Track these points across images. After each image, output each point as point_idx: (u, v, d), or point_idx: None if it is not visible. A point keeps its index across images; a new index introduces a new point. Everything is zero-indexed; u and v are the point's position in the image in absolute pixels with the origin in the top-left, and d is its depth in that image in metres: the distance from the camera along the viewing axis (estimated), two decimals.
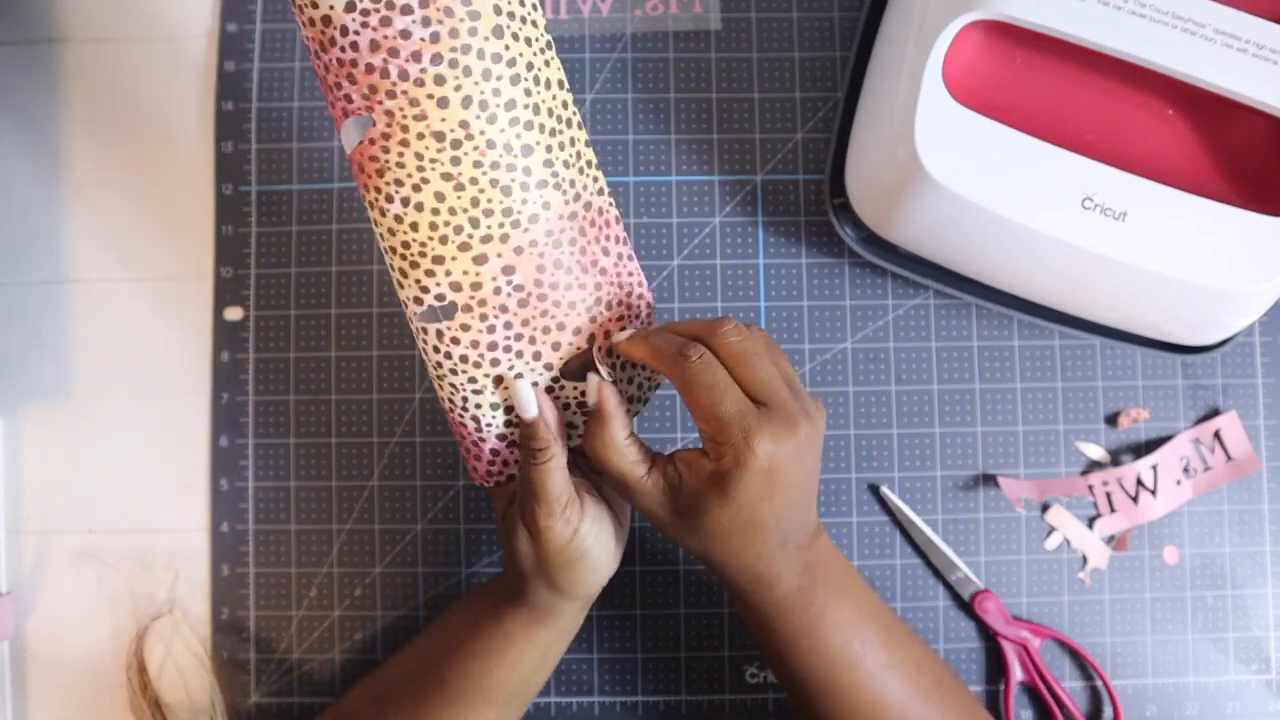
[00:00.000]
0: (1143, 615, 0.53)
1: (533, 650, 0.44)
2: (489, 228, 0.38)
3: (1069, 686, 0.52)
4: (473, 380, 0.40)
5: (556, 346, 0.40)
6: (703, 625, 0.53)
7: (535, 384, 0.41)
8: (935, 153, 0.43)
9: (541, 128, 0.38)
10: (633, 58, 0.55)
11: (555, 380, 0.41)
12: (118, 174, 0.56)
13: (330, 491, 0.54)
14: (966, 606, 0.53)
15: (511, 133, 0.37)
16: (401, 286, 0.39)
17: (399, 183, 0.37)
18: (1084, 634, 0.53)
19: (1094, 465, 0.53)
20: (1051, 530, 0.53)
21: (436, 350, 0.40)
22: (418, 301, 0.39)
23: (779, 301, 0.54)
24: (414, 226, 0.37)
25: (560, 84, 0.39)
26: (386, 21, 0.35)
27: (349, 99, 0.37)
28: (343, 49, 0.36)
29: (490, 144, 0.37)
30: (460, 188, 0.37)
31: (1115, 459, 0.53)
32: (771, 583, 0.40)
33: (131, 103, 0.56)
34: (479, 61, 0.36)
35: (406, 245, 0.38)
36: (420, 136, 0.36)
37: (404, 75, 0.36)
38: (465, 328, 0.39)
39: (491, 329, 0.39)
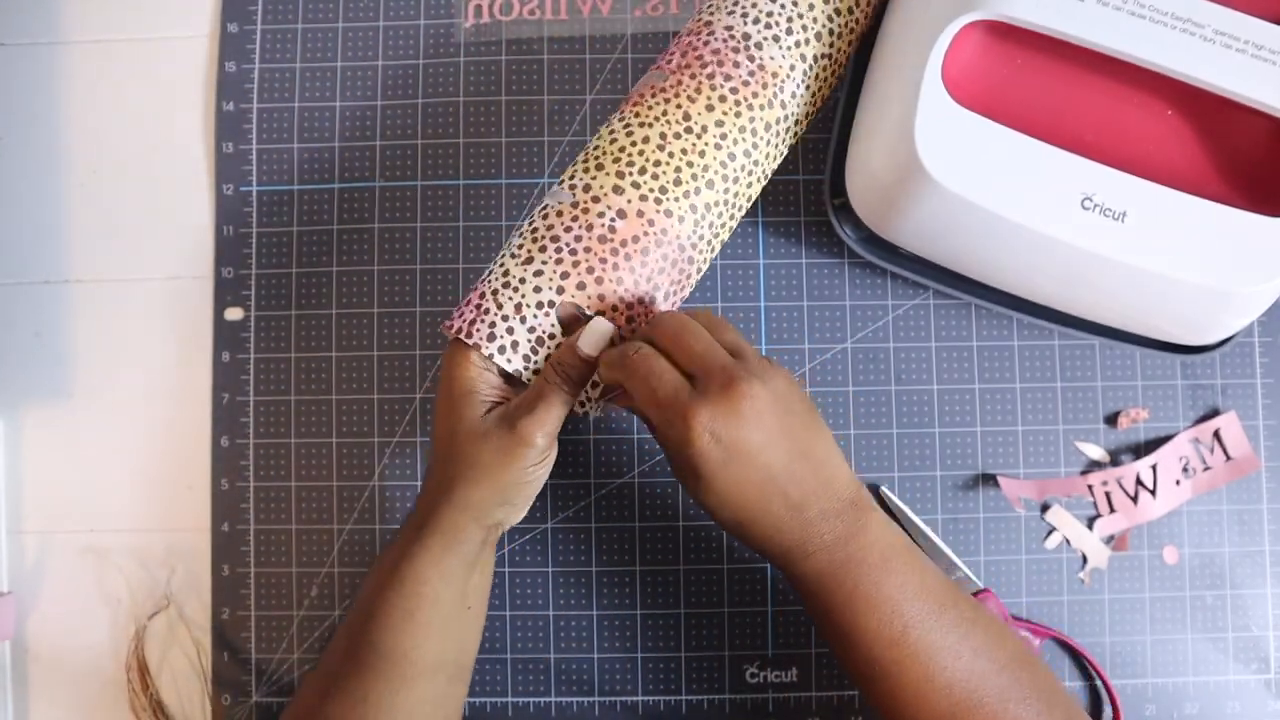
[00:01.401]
0: (1142, 615, 0.53)
1: (444, 584, 0.43)
2: (648, 185, 0.44)
3: (1069, 686, 0.53)
4: (530, 262, 0.44)
5: (582, 286, 0.43)
6: (703, 625, 0.53)
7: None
8: (935, 153, 0.43)
9: (749, 181, 0.47)
10: (633, 58, 0.55)
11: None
12: (118, 174, 0.56)
13: (331, 491, 0.54)
14: None
15: (739, 162, 0.46)
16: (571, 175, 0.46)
17: (655, 110, 0.45)
18: (1084, 634, 0.53)
19: (1094, 465, 0.53)
20: (1051, 530, 0.53)
21: (531, 226, 0.45)
22: (563, 184, 0.45)
23: (779, 301, 0.54)
24: (622, 137, 0.45)
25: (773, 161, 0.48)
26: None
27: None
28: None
29: (730, 155, 0.45)
30: (676, 154, 0.45)
31: (1115, 459, 0.53)
32: (800, 556, 0.39)
33: (131, 103, 0.56)
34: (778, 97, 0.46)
35: (600, 148, 0.45)
36: (707, 107, 0.45)
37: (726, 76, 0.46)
38: (559, 214, 0.44)
39: (569, 229, 0.44)
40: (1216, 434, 0.53)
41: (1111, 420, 0.54)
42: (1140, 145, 0.45)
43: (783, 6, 0.46)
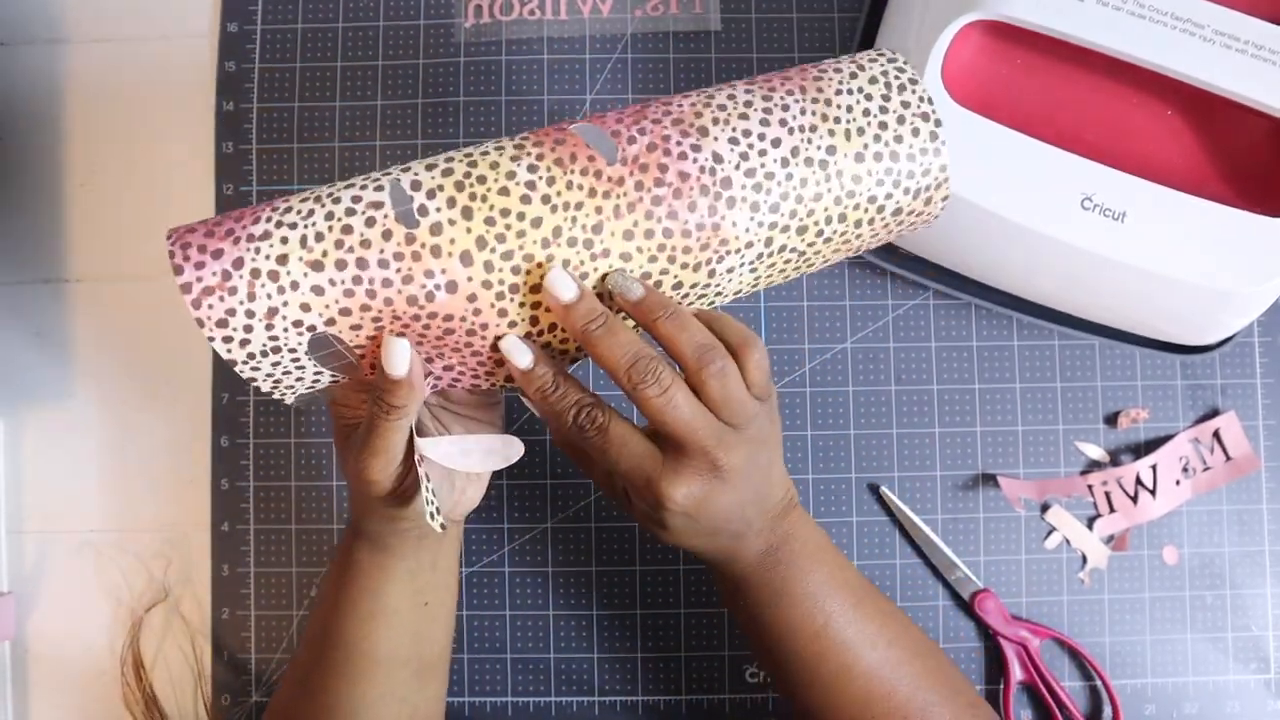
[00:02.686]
0: (1142, 615, 0.53)
1: (389, 583, 0.42)
2: (504, 278, 0.35)
3: (1069, 686, 0.53)
4: (318, 268, 0.34)
5: (357, 328, 0.35)
6: (703, 625, 0.53)
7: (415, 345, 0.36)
8: None
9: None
10: (633, 58, 0.55)
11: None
12: (118, 174, 0.56)
13: (331, 491, 0.54)
14: (966, 606, 0.53)
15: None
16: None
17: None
18: (1083, 634, 0.53)
19: (1093, 465, 0.54)
20: (1051, 530, 0.53)
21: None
22: (419, 185, 0.35)
23: (779, 302, 0.54)
24: (513, 189, 0.35)
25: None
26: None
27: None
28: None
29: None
30: (558, 260, 0.36)
31: (1115, 459, 0.53)
32: (735, 558, 0.41)
33: (131, 103, 0.56)
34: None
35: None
36: (625, 234, 0.36)
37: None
38: (386, 235, 0.34)
39: (384, 263, 0.35)
40: (1216, 434, 0.53)
41: (1111, 420, 0.54)
42: (1140, 145, 0.45)
43: (789, 176, 0.36)
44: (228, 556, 0.53)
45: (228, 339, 0.34)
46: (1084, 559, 0.53)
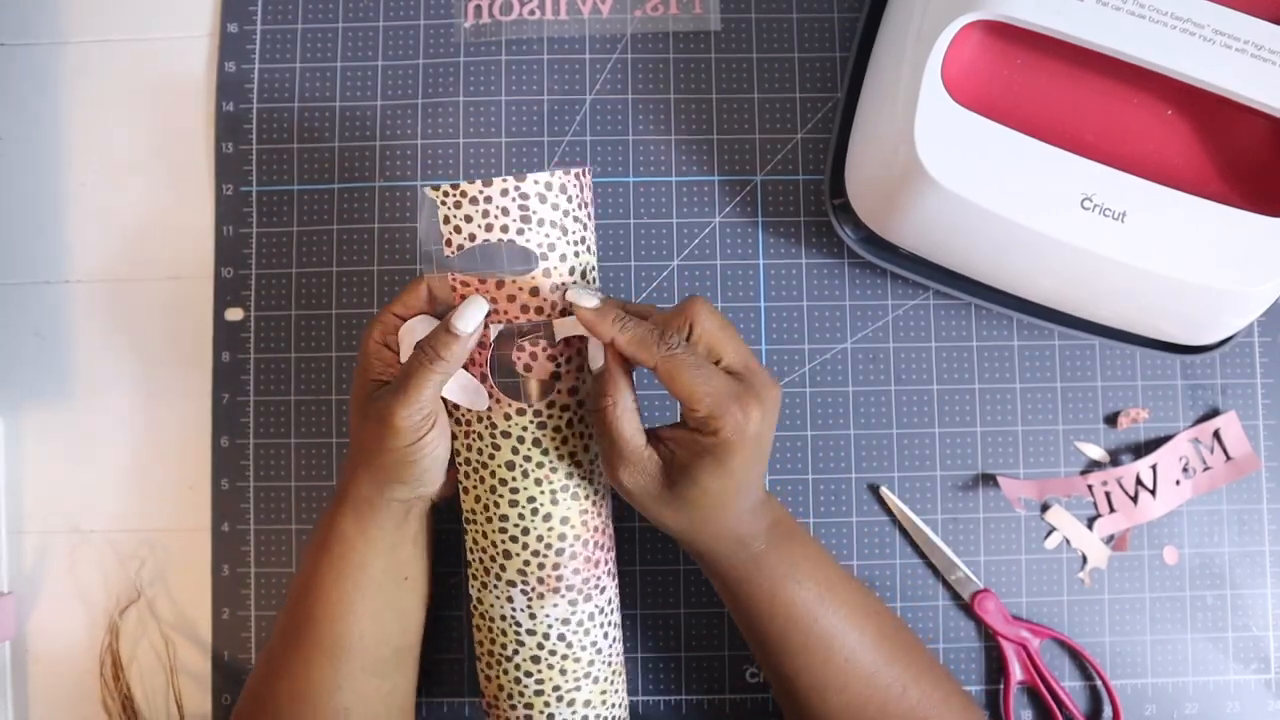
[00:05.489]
0: (1142, 615, 0.53)
1: (373, 553, 0.43)
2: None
3: (1069, 686, 0.53)
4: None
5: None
6: (703, 625, 0.53)
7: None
8: (935, 153, 0.43)
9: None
10: (633, 58, 0.55)
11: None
12: (118, 174, 0.56)
13: (330, 492, 0.53)
14: (966, 606, 0.53)
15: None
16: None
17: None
18: (1083, 634, 0.53)
19: (1093, 465, 0.53)
20: (1051, 530, 0.53)
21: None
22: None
23: (779, 301, 0.54)
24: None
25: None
26: None
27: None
28: None
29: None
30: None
31: (1115, 459, 0.53)
32: (748, 542, 0.42)
33: (132, 103, 0.56)
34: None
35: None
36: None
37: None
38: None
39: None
40: (1216, 434, 0.53)
41: (1111, 420, 0.54)
42: (1140, 145, 0.45)
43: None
44: (228, 556, 0.53)
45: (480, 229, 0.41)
46: (1084, 559, 0.53)
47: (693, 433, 0.39)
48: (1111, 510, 0.53)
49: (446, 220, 0.41)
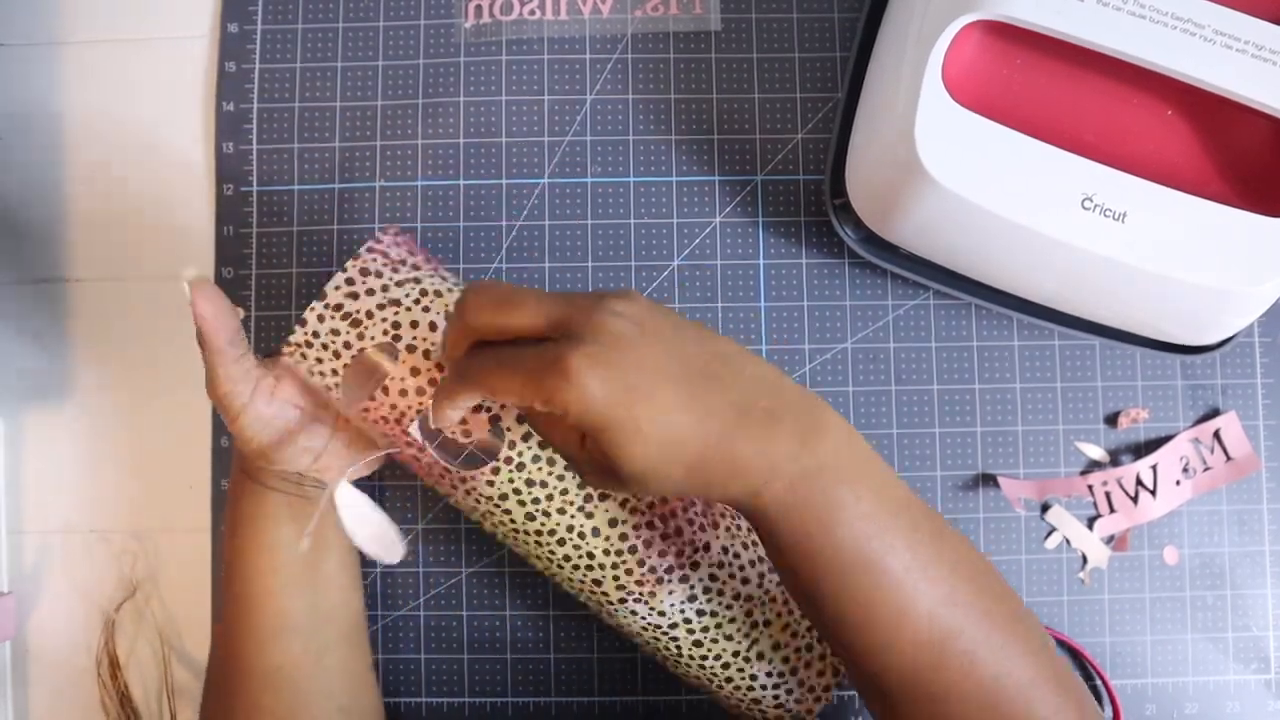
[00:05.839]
0: (1142, 615, 0.53)
1: (279, 526, 0.44)
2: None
3: None
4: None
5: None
6: None
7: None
8: (935, 153, 0.43)
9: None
10: (633, 58, 0.55)
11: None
12: (118, 174, 0.56)
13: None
14: None
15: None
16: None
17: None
18: (1084, 634, 0.53)
19: (1094, 465, 0.53)
20: (1051, 530, 0.53)
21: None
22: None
23: (779, 302, 0.54)
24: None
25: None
26: None
27: None
28: None
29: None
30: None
31: (1115, 459, 0.53)
32: (768, 480, 0.33)
33: (132, 103, 0.56)
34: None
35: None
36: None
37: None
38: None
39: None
40: (1216, 434, 0.53)
41: (1111, 420, 0.54)
42: (1140, 145, 0.45)
43: (729, 606, 0.42)
44: None
45: (350, 281, 0.40)
46: (1084, 559, 0.53)
47: (547, 417, 0.33)
48: (1111, 510, 0.53)
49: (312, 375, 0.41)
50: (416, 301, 0.40)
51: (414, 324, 0.39)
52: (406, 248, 0.42)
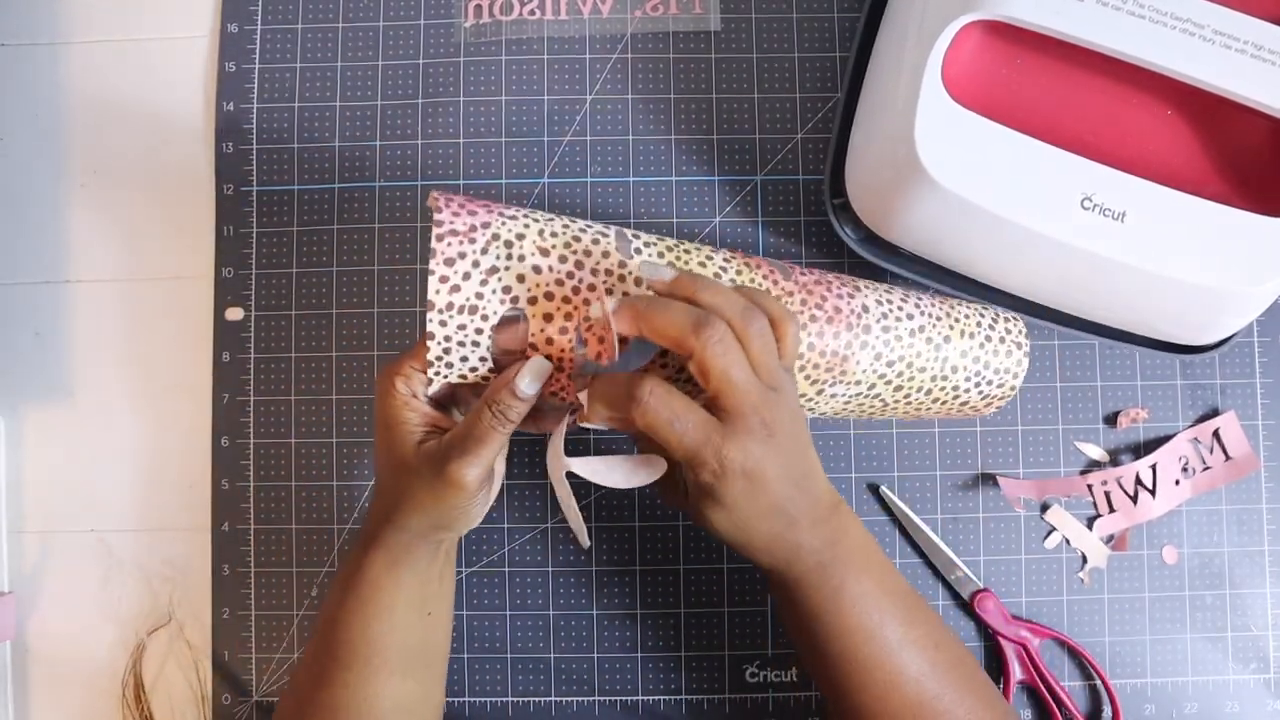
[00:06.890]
0: (1142, 615, 0.53)
1: (399, 593, 0.43)
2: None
3: (1068, 685, 0.53)
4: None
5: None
6: (703, 625, 0.53)
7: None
8: (935, 153, 0.44)
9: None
10: (633, 58, 0.55)
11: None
12: (118, 174, 0.56)
13: (331, 491, 0.54)
14: (966, 606, 0.53)
15: None
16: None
17: None
18: (1083, 633, 0.53)
19: (1093, 465, 0.54)
20: (1051, 530, 0.53)
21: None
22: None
23: None
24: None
25: None
26: None
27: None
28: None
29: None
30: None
31: (1114, 459, 0.54)
32: (791, 559, 0.41)
33: (132, 103, 0.56)
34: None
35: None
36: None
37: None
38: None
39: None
40: (1216, 434, 0.53)
41: (1111, 420, 0.54)
42: (1140, 145, 0.45)
43: (911, 345, 0.45)
44: (228, 556, 0.53)
45: (445, 279, 0.40)
46: (1084, 559, 0.53)
47: (688, 468, 0.39)
48: (1111, 510, 0.53)
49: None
50: (508, 258, 0.41)
51: (520, 278, 0.40)
52: (466, 210, 0.42)
